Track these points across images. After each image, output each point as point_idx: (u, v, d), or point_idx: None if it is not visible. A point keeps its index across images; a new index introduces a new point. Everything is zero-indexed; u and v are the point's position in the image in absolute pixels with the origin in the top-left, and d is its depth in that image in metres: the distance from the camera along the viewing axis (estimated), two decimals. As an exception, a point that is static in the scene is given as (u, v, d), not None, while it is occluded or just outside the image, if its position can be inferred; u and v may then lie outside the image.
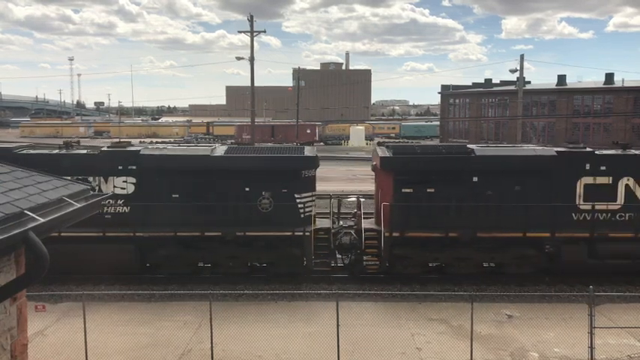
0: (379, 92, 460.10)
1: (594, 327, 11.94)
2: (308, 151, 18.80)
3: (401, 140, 79.80)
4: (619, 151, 18.52)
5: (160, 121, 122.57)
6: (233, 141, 72.77)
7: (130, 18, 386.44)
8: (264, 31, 42.73)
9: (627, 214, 17.56)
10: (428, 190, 17.60)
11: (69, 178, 7.40)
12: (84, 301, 12.45)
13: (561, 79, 73.74)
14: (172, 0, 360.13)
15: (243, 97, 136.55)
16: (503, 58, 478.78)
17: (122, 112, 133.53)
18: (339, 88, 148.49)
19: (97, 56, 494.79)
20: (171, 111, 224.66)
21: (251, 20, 41.05)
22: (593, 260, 17.45)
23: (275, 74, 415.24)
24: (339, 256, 19.06)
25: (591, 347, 11.95)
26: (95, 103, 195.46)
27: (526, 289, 17.31)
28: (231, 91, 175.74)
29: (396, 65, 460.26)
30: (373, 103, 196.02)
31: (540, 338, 13.64)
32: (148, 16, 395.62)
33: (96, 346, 12.60)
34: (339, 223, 19.81)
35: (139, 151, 18.18)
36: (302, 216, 17.63)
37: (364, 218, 18.35)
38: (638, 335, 13.69)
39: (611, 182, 17.58)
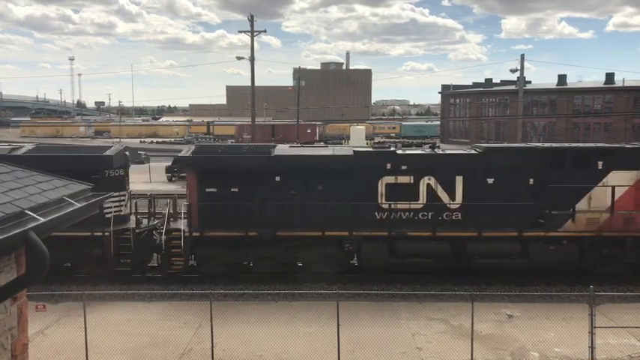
0: (379, 92, 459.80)
1: (595, 327, 11.94)
2: (111, 150, 18.73)
3: (401, 140, 79.67)
4: (422, 151, 18.63)
5: (160, 120, 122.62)
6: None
7: (130, 18, 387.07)
8: (265, 31, 42.78)
9: (429, 213, 17.64)
10: (232, 190, 17.65)
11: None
12: (84, 301, 12.47)
13: (562, 78, 73.72)
14: (172, 0, 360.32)
15: (243, 97, 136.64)
16: (503, 58, 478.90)
17: (122, 111, 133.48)
18: (339, 88, 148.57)
19: (97, 56, 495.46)
20: (171, 111, 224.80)
21: (251, 20, 41.06)
22: (393, 259, 17.49)
23: (275, 74, 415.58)
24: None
25: (592, 347, 11.95)
26: (96, 103, 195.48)
27: (526, 288, 17.30)
28: (231, 90, 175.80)
29: (396, 65, 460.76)
30: (373, 103, 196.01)
31: (541, 338, 13.63)
32: (147, 15, 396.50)
33: (96, 345, 12.60)
34: (149, 223, 19.33)
35: None
36: (105, 216, 17.45)
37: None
38: (638, 335, 13.68)
39: (412, 181, 17.66)
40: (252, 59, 41.77)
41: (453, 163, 17.91)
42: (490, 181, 17.57)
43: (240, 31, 42.28)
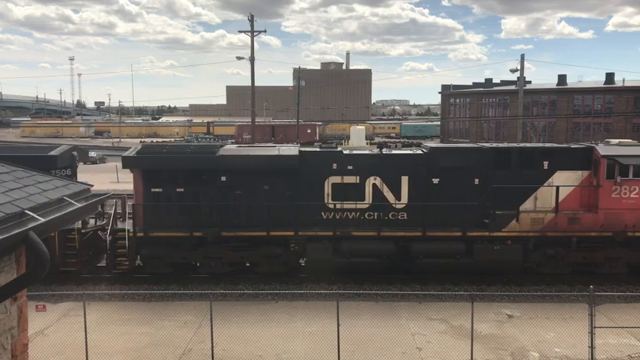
0: (379, 92, 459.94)
1: (595, 327, 11.94)
2: (56, 150, 18.65)
3: (402, 140, 79.60)
4: (369, 151, 18.66)
5: (160, 120, 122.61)
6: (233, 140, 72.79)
7: (130, 18, 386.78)
8: (265, 31, 42.75)
9: (375, 213, 17.66)
10: (178, 190, 17.62)
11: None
12: (84, 301, 12.47)
13: (562, 78, 73.72)
14: (172, 0, 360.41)
15: (243, 97, 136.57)
16: (503, 58, 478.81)
17: (123, 111, 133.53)
18: (339, 88, 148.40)
19: (97, 56, 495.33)
20: (171, 111, 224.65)
21: (251, 20, 41.06)
22: (339, 259, 17.48)
23: (275, 74, 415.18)
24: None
25: (592, 347, 11.95)
26: (95, 103, 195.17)
27: (526, 289, 17.30)
28: (231, 90, 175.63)
29: (396, 65, 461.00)
30: (373, 103, 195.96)
31: (541, 338, 13.64)
32: (147, 15, 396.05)
33: (96, 345, 12.61)
34: (96, 223, 19.25)
35: None
36: None
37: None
38: (638, 335, 13.69)
39: (358, 181, 17.69)
40: (252, 59, 41.78)
41: (399, 163, 17.88)
42: (435, 181, 17.63)
43: (240, 31, 42.33)
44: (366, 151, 18.55)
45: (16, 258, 5.65)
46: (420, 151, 18.30)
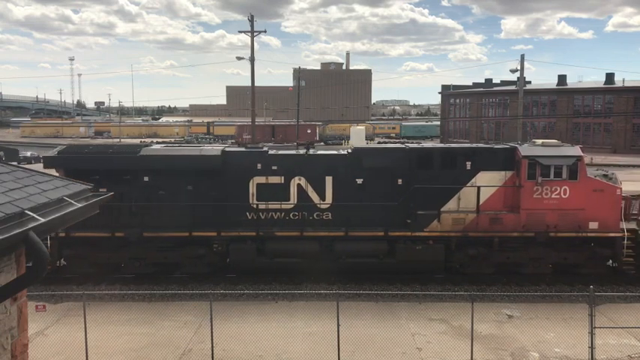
0: (379, 92, 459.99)
1: (595, 327, 11.93)
2: None
3: (401, 140, 79.66)
4: (294, 152, 18.67)
5: (160, 121, 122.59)
6: (233, 141, 72.82)
7: (130, 18, 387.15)
8: (265, 31, 42.77)
9: (300, 213, 17.66)
10: (100, 190, 17.53)
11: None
12: (84, 301, 12.46)
13: (562, 79, 73.73)
14: (171, 0, 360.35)
15: (243, 97, 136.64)
16: (503, 58, 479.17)
17: (123, 112, 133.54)
18: (339, 88, 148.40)
19: (97, 56, 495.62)
20: (171, 111, 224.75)
21: (251, 20, 41.07)
22: (262, 259, 17.51)
23: (275, 74, 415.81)
24: None
25: (592, 347, 11.94)
26: (95, 103, 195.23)
27: (526, 289, 17.29)
28: (231, 91, 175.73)
29: (395, 65, 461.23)
30: (373, 103, 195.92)
31: (541, 338, 13.64)
32: (147, 16, 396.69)
33: (96, 345, 12.60)
34: None
35: None
36: None
37: None
38: (638, 335, 13.69)
39: (283, 182, 17.69)
40: (252, 59, 41.78)
41: (323, 164, 17.88)
42: (359, 181, 17.64)
43: (240, 32, 42.34)
44: (292, 152, 18.63)
45: (16, 258, 5.65)
46: (344, 152, 18.42)
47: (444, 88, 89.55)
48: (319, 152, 18.71)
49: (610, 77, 68.46)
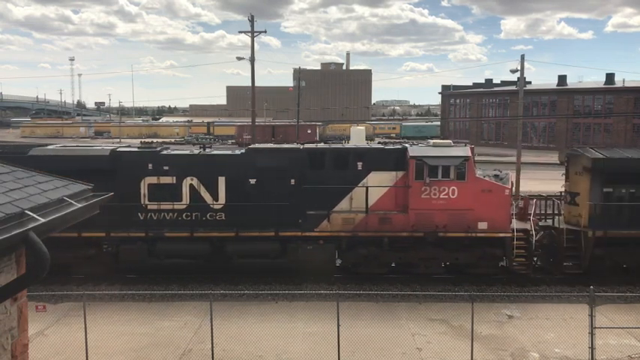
0: (379, 92, 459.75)
1: (595, 327, 11.93)
2: None
3: (402, 140, 79.56)
4: (188, 152, 18.57)
5: (160, 121, 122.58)
6: (233, 141, 72.88)
7: (130, 18, 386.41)
8: (265, 32, 42.70)
9: (193, 214, 17.62)
10: None
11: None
12: (84, 301, 12.46)
13: (562, 79, 73.75)
14: (171, 0, 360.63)
15: (243, 97, 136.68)
16: (503, 58, 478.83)
17: (123, 112, 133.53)
18: (339, 89, 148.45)
19: (97, 56, 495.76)
20: (171, 111, 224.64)
21: (252, 20, 41.05)
22: (153, 259, 17.49)
23: (275, 74, 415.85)
24: None
25: (592, 348, 11.95)
26: (96, 103, 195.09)
27: (527, 289, 17.30)
28: (231, 91, 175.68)
29: (396, 65, 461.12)
30: (374, 104, 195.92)
31: (541, 338, 13.64)
32: (147, 16, 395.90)
33: (96, 346, 12.60)
34: None
35: None
36: None
37: None
38: (638, 335, 13.69)
39: (175, 182, 17.62)
40: (252, 60, 41.78)
41: (215, 164, 17.83)
42: (252, 181, 17.62)
43: (240, 32, 42.30)
44: (185, 152, 18.56)
45: (16, 258, 5.64)
46: (237, 152, 18.46)
47: (444, 88, 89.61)
48: (213, 152, 18.61)
49: (610, 77, 68.49)
